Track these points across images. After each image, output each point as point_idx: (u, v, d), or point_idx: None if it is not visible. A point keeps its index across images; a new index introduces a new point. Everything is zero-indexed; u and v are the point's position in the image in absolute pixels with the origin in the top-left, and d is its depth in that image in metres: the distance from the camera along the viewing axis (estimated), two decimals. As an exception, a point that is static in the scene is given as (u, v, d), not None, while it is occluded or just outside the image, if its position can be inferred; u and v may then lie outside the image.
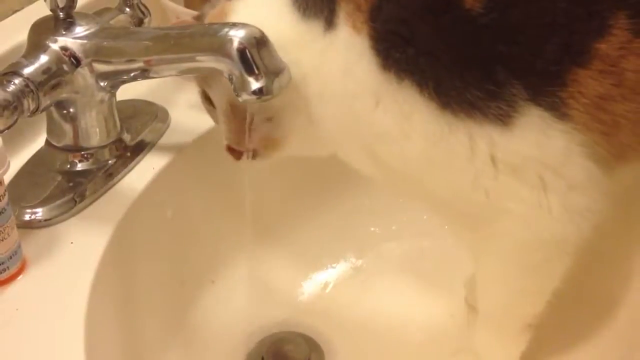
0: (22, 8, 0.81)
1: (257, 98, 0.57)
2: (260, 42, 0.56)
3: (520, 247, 0.58)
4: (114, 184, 0.69)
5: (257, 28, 0.57)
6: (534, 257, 0.59)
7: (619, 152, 0.55)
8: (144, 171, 0.71)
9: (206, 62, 0.59)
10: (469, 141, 0.54)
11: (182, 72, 0.64)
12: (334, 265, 0.84)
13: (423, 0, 0.54)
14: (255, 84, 0.56)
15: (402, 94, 0.55)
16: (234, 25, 0.58)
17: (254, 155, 0.65)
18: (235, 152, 0.66)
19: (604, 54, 0.51)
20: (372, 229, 0.87)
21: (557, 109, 0.52)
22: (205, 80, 0.65)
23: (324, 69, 0.59)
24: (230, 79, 0.57)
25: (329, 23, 0.58)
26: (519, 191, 0.55)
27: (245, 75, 0.56)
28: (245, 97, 0.57)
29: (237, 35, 0.56)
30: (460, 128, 0.54)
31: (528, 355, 0.66)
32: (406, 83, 0.54)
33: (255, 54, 0.56)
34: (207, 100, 0.67)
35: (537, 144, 0.53)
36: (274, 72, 0.57)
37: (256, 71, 0.56)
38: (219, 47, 0.57)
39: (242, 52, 0.56)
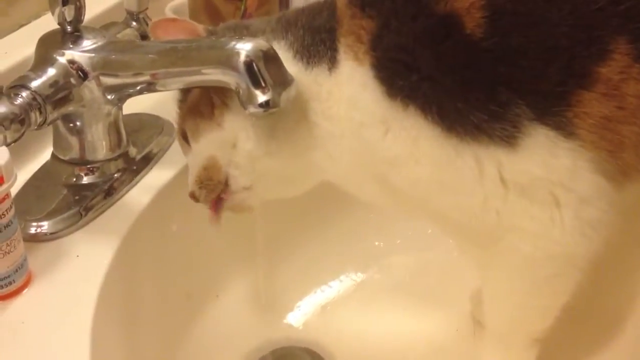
0: (29, 22, 0.82)
1: (264, 111, 0.57)
2: (267, 55, 0.57)
3: (530, 264, 0.58)
4: (120, 198, 0.69)
5: (264, 41, 0.57)
6: (544, 273, 0.59)
7: (625, 170, 0.55)
8: (150, 185, 0.71)
9: (213, 75, 0.59)
10: (476, 163, 0.54)
11: (189, 85, 0.64)
12: (338, 279, 0.84)
13: (424, 26, 0.54)
14: (262, 97, 0.56)
15: (409, 120, 0.55)
16: (240, 38, 0.58)
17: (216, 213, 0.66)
18: (195, 198, 0.66)
19: (606, 78, 0.51)
20: (377, 243, 0.87)
21: (563, 128, 0.53)
22: (192, 129, 0.65)
23: (333, 110, 0.59)
24: (237, 92, 0.57)
25: (332, 62, 0.59)
26: (529, 209, 0.55)
27: (252, 88, 0.56)
28: (252, 110, 0.57)
29: (244, 48, 0.56)
30: (466, 151, 0.54)
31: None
32: (411, 109, 0.54)
33: (262, 67, 0.56)
34: (186, 139, 0.67)
35: (544, 163, 0.54)
36: (281, 84, 0.57)
37: (263, 84, 0.56)
38: (226, 60, 0.57)
39: (248, 65, 0.56)
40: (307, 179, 0.66)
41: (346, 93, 0.58)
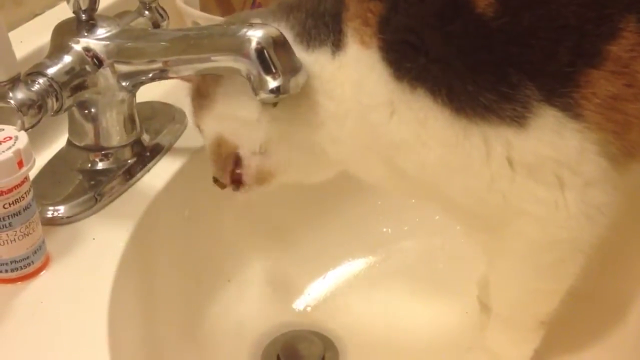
0: (43, 12, 0.83)
1: (275, 97, 0.58)
2: (277, 41, 0.58)
3: (535, 248, 0.59)
4: (134, 183, 0.71)
5: (274, 28, 0.59)
6: (549, 257, 0.60)
7: (630, 151, 0.55)
8: (162, 171, 0.73)
9: (224, 62, 0.60)
10: (484, 145, 0.55)
11: (201, 72, 0.65)
12: (347, 265, 0.85)
13: (433, 7, 0.54)
14: (272, 83, 0.57)
15: (416, 102, 0.55)
16: (251, 25, 0.59)
17: (239, 188, 0.67)
18: (220, 183, 0.67)
19: (616, 56, 0.52)
20: (385, 229, 0.88)
21: (570, 109, 0.53)
22: (199, 113, 0.67)
23: (336, 91, 0.60)
24: (249, 79, 0.58)
25: (337, 45, 0.59)
26: (535, 191, 0.56)
27: (263, 75, 0.57)
28: (263, 95, 0.58)
29: (255, 35, 0.58)
30: (475, 132, 0.55)
31: (541, 352, 0.66)
32: (419, 91, 0.55)
33: (273, 54, 0.57)
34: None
35: (552, 144, 0.54)
36: (291, 71, 0.58)
37: (273, 70, 0.57)
38: (238, 47, 0.58)
39: (259, 51, 0.57)
40: (319, 159, 0.65)
41: (352, 76, 0.58)
